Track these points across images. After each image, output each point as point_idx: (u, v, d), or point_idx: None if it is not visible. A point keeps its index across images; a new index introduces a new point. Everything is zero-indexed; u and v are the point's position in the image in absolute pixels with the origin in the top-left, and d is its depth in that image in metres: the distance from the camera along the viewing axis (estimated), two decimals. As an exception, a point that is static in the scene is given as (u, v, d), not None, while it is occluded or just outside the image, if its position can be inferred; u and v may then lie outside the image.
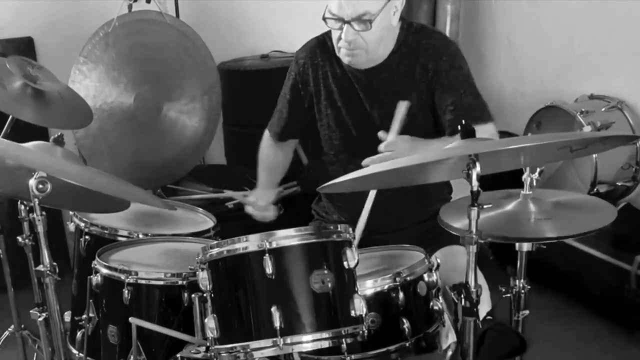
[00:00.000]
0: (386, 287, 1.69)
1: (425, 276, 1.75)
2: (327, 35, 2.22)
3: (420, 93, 2.13)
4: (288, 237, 1.53)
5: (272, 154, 2.43)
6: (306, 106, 2.30)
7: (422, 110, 2.14)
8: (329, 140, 2.27)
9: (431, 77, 2.10)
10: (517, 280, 1.77)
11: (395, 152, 1.95)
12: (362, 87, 2.17)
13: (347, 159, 2.23)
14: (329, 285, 1.52)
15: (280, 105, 2.38)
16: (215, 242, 1.63)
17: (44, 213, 1.67)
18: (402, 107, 2.04)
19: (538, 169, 1.71)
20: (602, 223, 1.62)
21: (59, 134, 1.77)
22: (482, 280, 1.93)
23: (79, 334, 1.94)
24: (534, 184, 1.70)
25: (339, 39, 2.07)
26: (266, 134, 2.44)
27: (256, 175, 2.43)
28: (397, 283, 1.69)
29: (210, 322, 1.55)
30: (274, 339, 1.49)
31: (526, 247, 1.72)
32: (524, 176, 1.70)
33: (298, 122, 2.35)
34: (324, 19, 2.07)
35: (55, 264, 1.72)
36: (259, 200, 2.35)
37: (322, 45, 2.24)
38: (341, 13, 2.01)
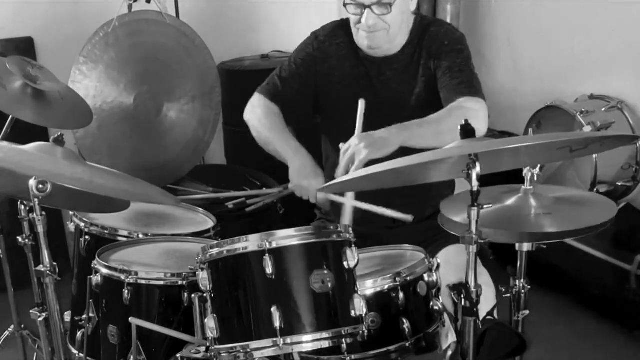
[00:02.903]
0: (386, 287, 1.69)
1: (425, 276, 1.75)
2: (347, 20, 2.24)
3: (427, 79, 2.15)
4: (288, 237, 1.53)
5: (279, 113, 2.24)
6: (317, 84, 2.26)
7: (431, 97, 2.15)
8: (333, 130, 2.26)
9: (434, 61, 2.14)
10: (517, 280, 1.77)
11: (355, 153, 1.90)
12: (375, 75, 2.19)
13: None
14: (329, 285, 1.52)
15: (286, 74, 2.29)
16: (215, 242, 1.62)
17: (44, 213, 1.67)
18: (361, 106, 2.02)
19: (539, 165, 1.71)
20: (602, 219, 1.62)
21: (59, 134, 1.77)
22: (486, 276, 1.94)
23: (79, 334, 1.94)
24: (535, 179, 1.70)
25: (358, 22, 2.10)
26: (263, 99, 2.28)
27: (256, 175, 2.41)
28: (397, 283, 1.69)
29: (210, 322, 1.55)
30: (274, 339, 1.49)
31: (526, 247, 1.72)
32: (524, 171, 1.70)
33: (305, 101, 2.29)
34: (345, 5, 2.10)
35: (55, 264, 1.72)
36: (306, 168, 2.07)
37: (344, 27, 2.25)
38: None
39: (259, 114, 2.26)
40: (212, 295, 1.58)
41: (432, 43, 2.15)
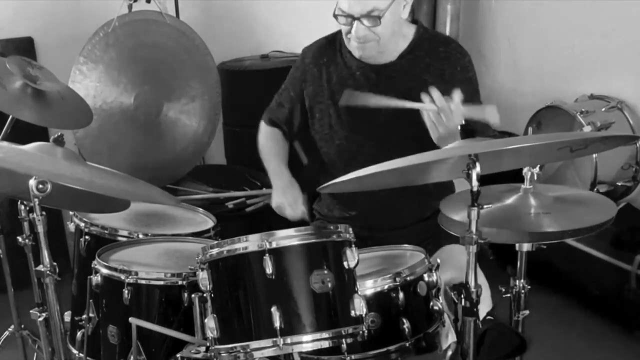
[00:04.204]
0: (386, 287, 1.69)
1: (425, 276, 1.75)
2: (336, 35, 2.25)
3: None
4: (288, 237, 1.53)
5: (279, 143, 2.38)
6: (307, 105, 2.30)
7: None
8: (330, 140, 2.28)
9: (446, 84, 2.12)
10: (517, 280, 1.77)
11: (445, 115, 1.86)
12: (372, 85, 2.18)
13: (349, 157, 2.24)
14: (329, 285, 1.52)
15: (282, 98, 2.37)
16: (215, 242, 1.62)
17: (44, 213, 1.67)
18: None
19: (539, 164, 1.72)
20: (602, 218, 1.62)
21: (59, 134, 1.77)
22: (482, 278, 1.94)
23: (79, 334, 1.94)
24: (535, 178, 1.70)
25: (349, 32, 2.10)
26: (264, 126, 2.42)
27: (256, 175, 2.42)
28: (397, 283, 1.69)
29: (210, 322, 1.55)
30: (274, 339, 1.49)
31: (526, 247, 1.72)
32: (524, 170, 1.70)
33: (300, 118, 2.35)
34: (335, 15, 2.09)
35: (55, 264, 1.72)
36: (287, 196, 2.19)
37: (330, 45, 2.27)
38: (350, 10, 2.04)
39: (260, 140, 2.42)
40: (212, 295, 1.58)
41: (445, 67, 2.14)
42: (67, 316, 2.03)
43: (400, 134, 2.15)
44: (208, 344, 1.58)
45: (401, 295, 1.69)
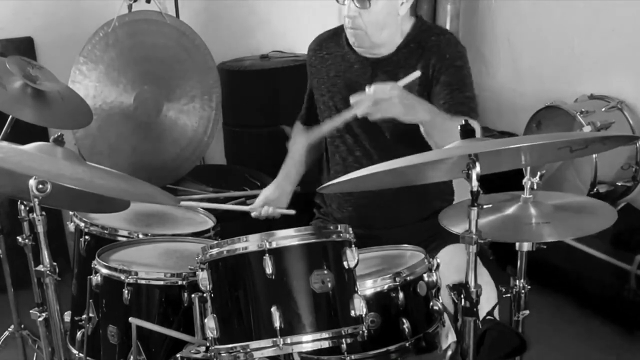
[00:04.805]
0: (386, 287, 1.69)
1: (425, 276, 1.75)
2: (338, 29, 2.27)
3: (422, 88, 2.15)
4: (288, 237, 1.53)
5: (301, 138, 2.43)
6: (315, 97, 2.35)
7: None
8: (332, 132, 2.29)
9: (432, 73, 2.13)
10: (517, 280, 1.77)
11: (386, 98, 1.89)
12: (368, 78, 2.19)
13: (347, 150, 2.26)
14: (329, 285, 1.52)
15: (305, 97, 2.45)
16: (215, 242, 1.62)
17: (43, 213, 1.67)
18: (414, 74, 2.03)
19: (539, 173, 1.71)
20: (602, 226, 1.62)
21: (59, 134, 1.77)
22: (487, 276, 1.94)
23: (79, 334, 1.94)
24: (535, 187, 1.70)
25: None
26: (297, 124, 2.50)
27: (256, 175, 2.43)
28: (397, 283, 1.69)
29: (210, 322, 1.55)
30: (274, 339, 1.49)
31: (526, 247, 1.72)
32: (524, 180, 1.70)
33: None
34: None
35: (55, 264, 1.72)
36: (272, 193, 2.37)
37: (332, 38, 2.30)
38: None
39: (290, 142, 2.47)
40: (212, 295, 1.58)
41: (432, 55, 2.14)
42: (67, 316, 2.02)
43: (397, 127, 2.15)
44: (208, 344, 1.58)
45: (401, 295, 1.69)
